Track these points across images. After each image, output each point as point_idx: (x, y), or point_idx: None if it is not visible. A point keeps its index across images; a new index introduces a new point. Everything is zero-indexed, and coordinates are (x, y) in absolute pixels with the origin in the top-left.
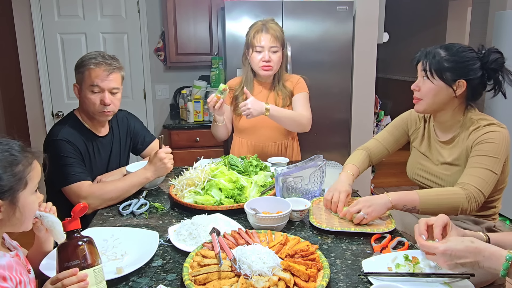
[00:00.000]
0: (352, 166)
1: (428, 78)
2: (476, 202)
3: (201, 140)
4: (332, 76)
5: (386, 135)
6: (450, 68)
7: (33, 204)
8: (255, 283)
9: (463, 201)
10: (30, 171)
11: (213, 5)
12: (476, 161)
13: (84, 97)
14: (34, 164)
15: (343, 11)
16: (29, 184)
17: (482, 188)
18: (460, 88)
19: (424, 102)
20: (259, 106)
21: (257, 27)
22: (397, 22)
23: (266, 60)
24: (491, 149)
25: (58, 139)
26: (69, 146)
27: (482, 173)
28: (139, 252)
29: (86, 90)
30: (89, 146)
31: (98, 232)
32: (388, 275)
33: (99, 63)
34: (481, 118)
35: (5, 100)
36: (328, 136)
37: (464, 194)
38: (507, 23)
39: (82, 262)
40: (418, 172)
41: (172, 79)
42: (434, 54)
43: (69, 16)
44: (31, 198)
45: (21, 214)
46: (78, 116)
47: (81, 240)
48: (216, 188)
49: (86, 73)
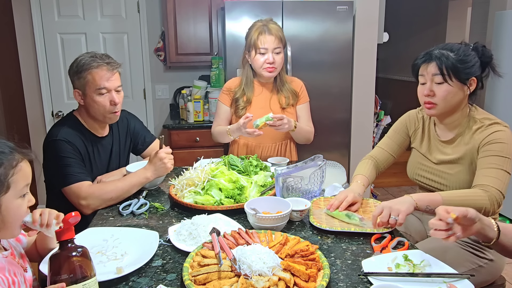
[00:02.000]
0: (361, 176)
1: (446, 81)
2: (497, 203)
3: (201, 140)
4: (332, 76)
5: (388, 141)
6: (463, 68)
7: (18, 209)
8: (255, 283)
9: (486, 203)
10: (14, 174)
11: (213, 5)
12: (489, 161)
13: (92, 101)
14: (20, 167)
15: (343, 11)
16: (12, 187)
17: (501, 189)
18: (472, 86)
19: (440, 107)
20: (291, 125)
21: (258, 28)
22: (397, 22)
23: (270, 62)
24: (501, 149)
25: (57, 139)
26: (69, 146)
27: (498, 174)
28: (139, 252)
29: (92, 94)
30: (88, 147)
31: (98, 232)
32: (388, 275)
33: (100, 65)
34: (484, 117)
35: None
36: (328, 136)
37: (487, 196)
38: (507, 23)
39: (70, 276)
40: (418, 172)
41: (172, 79)
42: (446, 56)
43: (69, 16)
44: (16, 203)
45: (4, 217)
46: (78, 117)
47: (75, 251)
48: (216, 188)
49: (89, 77)
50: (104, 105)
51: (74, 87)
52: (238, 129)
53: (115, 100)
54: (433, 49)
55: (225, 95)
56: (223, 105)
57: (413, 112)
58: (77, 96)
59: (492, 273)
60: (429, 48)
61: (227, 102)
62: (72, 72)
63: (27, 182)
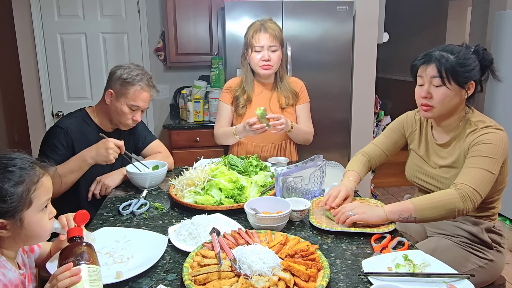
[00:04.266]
0: (353, 172)
1: (445, 84)
2: (471, 201)
3: (201, 140)
4: (332, 76)
5: (383, 138)
6: (462, 71)
7: (40, 222)
8: (255, 283)
9: (457, 201)
10: (36, 190)
11: (213, 5)
12: (472, 161)
13: (118, 109)
14: (41, 182)
15: (343, 11)
16: (35, 202)
17: (477, 187)
18: (470, 90)
19: (437, 110)
20: (288, 125)
21: (255, 27)
22: (397, 22)
23: (266, 59)
24: (487, 149)
25: (58, 126)
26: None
27: (477, 173)
28: (145, 256)
29: (123, 104)
30: (92, 142)
31: (111, 232)
32: (388, 275)
33: (146, 87)
34: (479, 121)
35: (5, 100)
36: (328, 136)
37: (457, 194)
38: (507, 23)
39: (77, 258)
40: (417, 175)
41: (172, 79)
42: (446, 58)
43: (69, 16)
44: (38, 216)
45: (27, 231)
46: (90, 113)
47: (82, 242)
48: (216, 188)
49: (131, 91)
50: (127, 118)
51: (110, 87)
52: (244, 128)
53: (138, 119)
54: (433, 50)
55: (226, 94)
56: (225, 104)
57: (411, 113)
58: (108, 95)
59: (492, 273)
60: (428, 49)
61: (228, 100)
62: (116, 76)
63: (48, 196)
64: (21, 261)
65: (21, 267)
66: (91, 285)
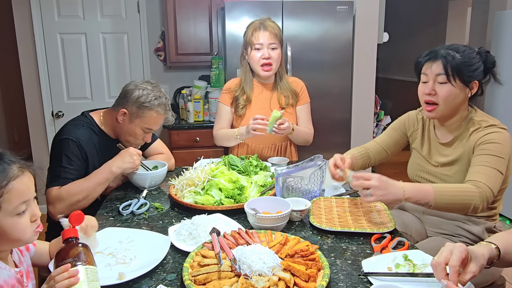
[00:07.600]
0: (350, 155)
1: (450, 81)
2: (487, 201)
3: (201, 140)
4: (332, 76)
5: (385, 137)
6: (467, 70)
7: (15, 226)
8: (255, 283)
9: (477, 199)
10: (4, 194)
11: (213, 5)
12: (483, 159)
13: (131, 129)
14: (11, 186)
15: (343, 11)
16: (4, 206)
17: (493, 188)
18: (473, 90)
19: (441, 108)
20: (290, 128)
21: (254, 25)
22: (397, 22)
23: (266, 57)
24: (496, 149)
25: (70, 139)
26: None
27: (491, 172)
28: (147, 257)
29: (137, 126)
30: (100, 150)
31: (115, 233)
32: (388, 275)
33: (162, 112)
34: (482, 120)
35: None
36: (328, 136)
37: (478, 193)
38: (507, 23)
39: (74, 260)
40: (419, 174)
41: (172, 79)
42: (452, 56)
43: (69, 16)
44: (12, 221)
45: (3, 236)
46: (97, 120)
47: (78, 243)
48: (216, 188)
49: (147, 115)
50: (137, 139)
51: (124, 107)
52: (247, 131)
53: (148, 140)
54: (439, 48)
55: (225, 95)
56: (224, 105)
57: (413, 113)
58: (121, 115)
59: (492, 273)
60: (429, 48)
61: (228, 101)
62: (133, 98)
63: (25, 199)
64: (17, 259)
65: (18, 265)
66: (89, 285)
